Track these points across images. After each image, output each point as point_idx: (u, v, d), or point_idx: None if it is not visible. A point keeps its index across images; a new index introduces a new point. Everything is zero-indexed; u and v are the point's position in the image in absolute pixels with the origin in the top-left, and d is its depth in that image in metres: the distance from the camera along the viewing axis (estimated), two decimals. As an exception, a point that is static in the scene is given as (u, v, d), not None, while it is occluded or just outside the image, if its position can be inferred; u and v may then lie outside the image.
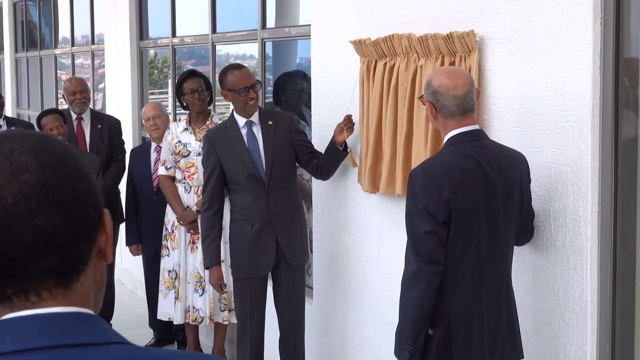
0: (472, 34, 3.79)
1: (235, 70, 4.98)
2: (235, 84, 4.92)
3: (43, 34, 12.89)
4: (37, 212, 1.12)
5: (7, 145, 1.15)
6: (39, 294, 1.15)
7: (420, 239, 3.17)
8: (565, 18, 3.40)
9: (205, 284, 5.73)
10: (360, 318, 4.99)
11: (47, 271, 1.15)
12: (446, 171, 3.23)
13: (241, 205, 4.96)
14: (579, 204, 3.41)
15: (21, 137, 1.17)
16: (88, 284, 1.20)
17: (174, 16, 7.93)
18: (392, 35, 4.30)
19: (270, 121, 4.97)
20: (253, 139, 4.97)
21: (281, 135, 4.94)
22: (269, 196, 4.89)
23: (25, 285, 1.15)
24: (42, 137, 1.18)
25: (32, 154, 1.14)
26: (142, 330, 6.77)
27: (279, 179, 4.91)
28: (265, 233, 4.91)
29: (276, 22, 6.38)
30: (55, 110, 6.53)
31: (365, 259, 4.89)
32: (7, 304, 1.16)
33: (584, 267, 3.41)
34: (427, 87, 3.38)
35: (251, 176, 4.89)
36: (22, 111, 13.82)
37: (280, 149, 4.92)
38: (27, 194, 1.12)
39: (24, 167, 1.13)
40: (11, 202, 1.11)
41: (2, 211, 1.11)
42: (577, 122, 3.38)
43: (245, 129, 4.98)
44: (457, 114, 3.30)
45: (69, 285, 1.17)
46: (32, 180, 1.12)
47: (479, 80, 3.81)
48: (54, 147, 1.17)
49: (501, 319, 3.35)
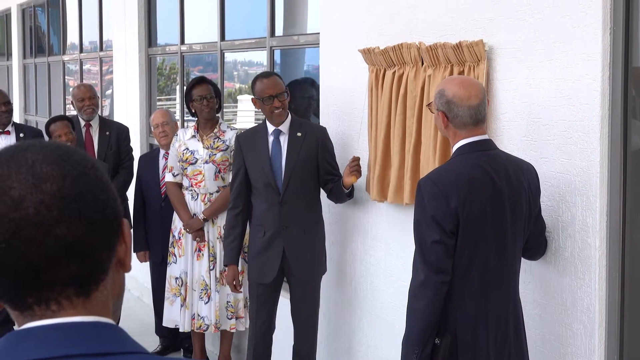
0: (481, 44, 3.79)
1: (264, 78, 4.98)
2: (261, 92, 4.92)
3: (52, 42, 12.93)
4: (58, 222, 1.13)
5: (29, 155, 1.16)
6: (59, 303, 1.17)
7: (428, 248, 3.17)
8: (574, 28, 3.40)
9: (210, 292, 5.74)
10: (367, 327, 4.99)
11: (68, 280, 1.16)
12: (454, 180, 3.23)
13: (257, 211, 5.02)
14: (588, 214, 3.40)
15: (42, 147, 1.18)
16: (107, 293, 1.22)
17: (182, 23, 7.95)
18: (401, 44, 4.30)
19: (299, 132, 4.95)
20: (277, 148, 4.96)
21: (307, 148, 4.91)
22: (283, 207, 4.90)
23: (46, 294, 1.16)
24: (62, 148, 1.19)
25: (53, 165, 1.15)
26: (148, 337, 6.77)
27: (296, 191, 4.90)
28: (274, 242, 4.93)
29: (284, 30, 6.39)
30: (64, 116, 6.54)
31: (372, 267, 4.88)
32: (28, 312, 1.17)
33: (592, 277, 3.41)
34: (440, 96, 3.36)
35: (268, 185, 4.91)
36: (29, 117, 13.85)
37: (302, 162, 4.90)
38: (48, 204, 1.13)
39: (45, 177, 1.14)
40: (33, 212, 1.12)
41: (25, 221, 1.12)
42: (586, 132, 3.38)
43: (272, 137, 4.98)
44: (470, 125, 3.30)
45: (88, 294, 1.19)
46: (53, 190, 1.13)
47: (488, 90, 3.81)
48: (75, 157, 1.19)
49: (508, 329, 3.34)
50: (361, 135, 4.87)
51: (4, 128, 7.03)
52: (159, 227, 6.32)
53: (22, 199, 1.12)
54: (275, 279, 5.00)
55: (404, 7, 4.43)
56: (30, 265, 1.13)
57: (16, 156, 1.16)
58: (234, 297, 5.73)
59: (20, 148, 1.18)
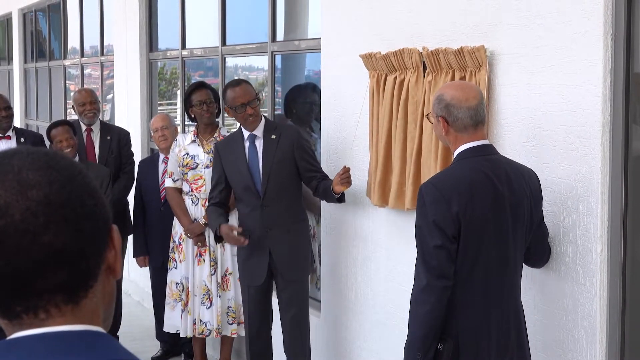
0: (483, 49, 3.79)
1: (235, 87, 5.03)
2: (232, 101, 4.98)
3: (52, 46, 12.94)
4: (45, 229, 1.12)
5: (15, 162, 1.15)
6: (47, 311, 1.15)
7: (430, 253, 3.17)
8: (576, 34, 3.41)
9: (212, 297, 5.73)
10: (368, 332, 4.98)
11: (56, 288, 1.14)
12: (456, 185, 3.23)
13: (241, 215, 5.10)
14: (589, 219, 3.40)
15: (29, 154, 1.17)
16: (97, 300, 1.20)
17: (183, 28, 7.95)
18: (403, 50, 4.30)
19: (273, 135, 5.00)
20: (254, 153, 5.02)
21: (283, 149, 4.96)
22: (264, 209, 4.95)
23: (34, 302, 1.14)
24: (49, 154, 1.18)
25: (40, 171, 1.14)
26: (148, 342, 6.77)
27: (276, 193, 4.95)
28: (260, 245, 4.99)
29: (285, 35, 6.40)
30: (65, 121, 6.53)
31: (373, 272, 4.88)
32: (17, 321, 1.16)
33: (593, 283, 3.40)
34: (438, 101, 3.37)
35: (248, 189, 4.97)
36: (30, 122, 13.85)
37: (279, 164, 4.94)
38: (35, 211, 1.11)
39: (31, 184, 1.12)
40: (19, 219, 1.11)
41: (11, 228, 1.11)
42: (587, 138, 3.38)
43: (248, 143, 5.03)
44: (470, 126, 3.30)
45: (77, 301, 1.17)
46: (40, 197, 1.12)
47: (489, 95, 3.81)
48: (62, 163, 1.17)
49: (509, 334, 3.34)
50: (359, 139, 4.86)
51: (5, 133, 7.02)
52: (158, 231, 6.31)
53: (8, 206, 1.11)
54: (266, 281, 5.05)
55: (406, 12, 4.44)
56: (17, 273, 1.12)
57: (2, 163, 1.15)
58: (235, 303, 5.73)
59: (7, 155, 1.16)
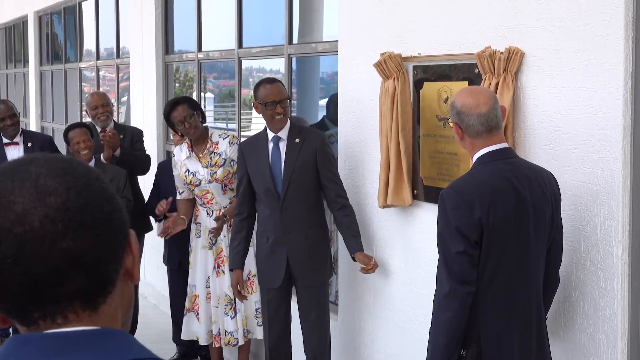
0: (501, 53, 3.78)
1: (267, 84, 5.02)
2: (263, 97, 4.96)
3: (68, 49, 12.98)
4: (63, 235, 1.12)
5: (33, 169, 1.15)
6: (65, 317, 1.15)
7: (453, 259, 3.16)
8: (596, 37, 3.39)
9: (235, 306, 5.72)
10: (387, 336, 4.97)
11: (74, 293, 1.15)
12: (477, 190, 3.21)
13: (261, 217, 5.10)
14: (610, 223, 3.39)
15: (46, 160, 1.17)
16: (115, 305, 1.20)
17: (200, 31, 7.97)
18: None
19: (298, 139, 4.97)
20: (277, 155, 5.00)
21: (306, 154, 4.94)
22: (283, 212, 4.94)
23: (52, 308, 1.15)
24: (66, 161, 1.19)
25: (57, 177, 1.14)
26: (165, 345, 6.77)
27: (296, 196, 4.93)
28: (277, 247, 4.99)
29: (299, 37, 6.39)
30: (82, 124, 6.55)
31: (391, 276, 4.87)
32: (34, 327, 1.16)
33: (614, 287, 3.39)
34: (452, 108, 3.38)
35: (268, 191, 4.96)
36: (46, 124, 13.91)
37: (301, 168, 4.92)
38: (53, 217, 1.12)
39: (49, 190, 1.13)
40: (38, 225, 1.11)
41: (30, 235, 1.11)
42: (608, 141, 3.37)
43: (272, 144, 5.01)
44: (483, 132, 3.29)
45: (95, 307, 1.17)
46: (58, 203, 1.13)
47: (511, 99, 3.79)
48: (79, 169, 1.18)
49: (531, 339, 3.33)
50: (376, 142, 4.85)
51: (12, 139, 7.05)
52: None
53: (27, 213, 1.11)
54: (284, 284, 5.04)
55: (424, 15, 4.43)
56: (36, 279, 1.12)
57: (19, 170, 1.15)
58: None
59: (24, 162, 1.17)
